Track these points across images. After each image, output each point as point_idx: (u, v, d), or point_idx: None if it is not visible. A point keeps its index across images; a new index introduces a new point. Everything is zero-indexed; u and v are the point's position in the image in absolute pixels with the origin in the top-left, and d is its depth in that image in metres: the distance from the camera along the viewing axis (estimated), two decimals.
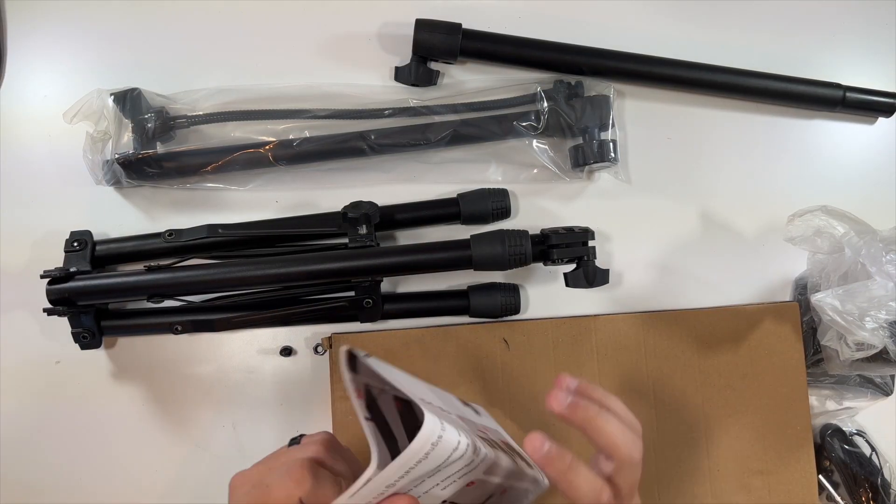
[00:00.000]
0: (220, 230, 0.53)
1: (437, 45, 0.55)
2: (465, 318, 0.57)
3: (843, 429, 0.59)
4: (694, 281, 0.60)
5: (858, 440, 0.59)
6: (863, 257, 0.47)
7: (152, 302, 0.51)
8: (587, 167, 0.57)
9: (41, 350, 0.56)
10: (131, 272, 0.52)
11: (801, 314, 0.58)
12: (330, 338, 0.55)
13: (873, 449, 0.59)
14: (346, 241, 0.53)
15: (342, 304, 0.54)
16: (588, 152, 0.55)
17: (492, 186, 0.57)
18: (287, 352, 0.57)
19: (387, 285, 0.57)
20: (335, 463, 0.39)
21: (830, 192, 0.62)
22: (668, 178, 0.61)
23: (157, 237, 0.54)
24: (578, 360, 0.56)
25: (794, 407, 0.58)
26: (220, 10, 0.58)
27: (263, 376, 0.57)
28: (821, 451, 0.59)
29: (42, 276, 0.51)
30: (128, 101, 0.53)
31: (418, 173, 0.58)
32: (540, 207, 0.59)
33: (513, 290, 0.56)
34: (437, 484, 0.34)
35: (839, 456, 0.58)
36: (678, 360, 0.57)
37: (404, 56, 0.58)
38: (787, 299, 0.61)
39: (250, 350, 0.57)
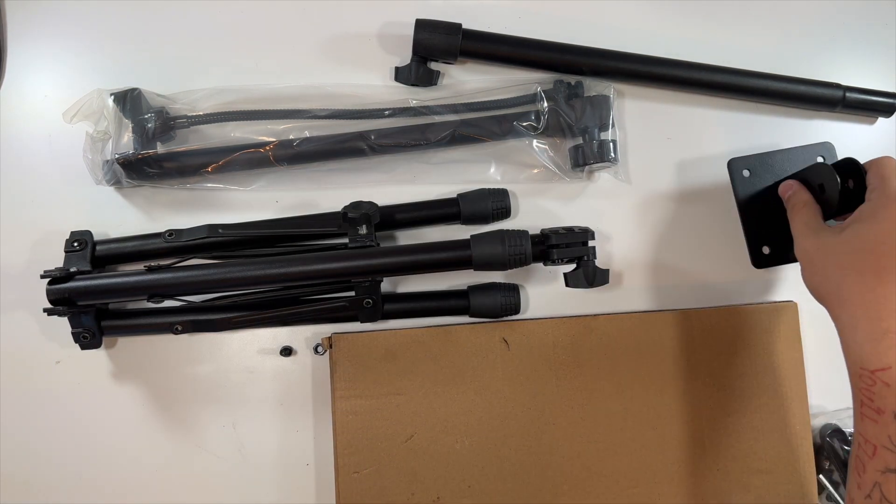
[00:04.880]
0: (220, 230, 0.53)
1: (437, 45, 0.55)
2: (465, 318, 0.57)
3: (843, 429, 0.59)
4: (694, 281, 0.60)
5: None
6: None
7: (152, 302, 0.51)
8: (587, 167, 0.57)
9: (41, 350, 0.56)
10: (131, 272, 0.52)
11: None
12: (330, 338, 0.55)
13: None
14: (346, 241, 0.53)
15: (342, 304, 0.54)
16: (588, 152, 0.55)
17: (492, 186, 0.57)
18: (287, 352, 0.57)
19: (387, 285, 0.57)
20: None
21: None
22: (668, 178, 0.61)
23: (157, 237, 0.54)
24: (579, 360, 0.56)
25: (794, 406, 0.58)
26: (220, 10, 0.58)
27: (263, 376, 0.57)
28: (821, 451, 0.59)
29: (42, 276, 0.51)
30: (128, 101, 0.53)
31: (418, 173, 0.58)
32: (540, 207, 0.59)
33: (513, 290, 0.56)
34: None
35: (839, 456, 0.58)
36: (678, 359, 0.57)
37: (404, 56, 0.58)
38: (787, 299, 0.61)
39: (250, 350, 0.57)
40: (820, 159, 0.58)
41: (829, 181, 0.50)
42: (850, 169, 0.49)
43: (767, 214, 0.58)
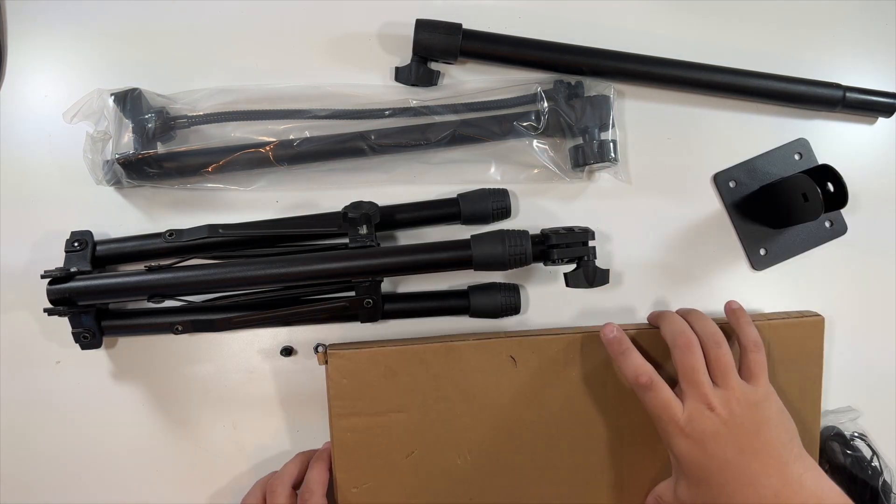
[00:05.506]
0: (220, 230, 0.53)
1: (437, 45, 0.55)
2: (468, 327, 0.57)
3: (844, 432, 0.59)
4: (695, 281, 0.60)
5: (859, 443, 0.59)
6: None
7: (153, 302, 0.51)
8: (587, 167, 0.57)
9: (41, 350, 0.56)
10: (132, 272, 0.52)
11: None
12: (325, 353, 0.53)
13: (874, 452, 0.59)
14: (346, 241, 0.53)
15: (342, 304, 0.54)
16: (588, 152, 0.55)
17: (492, 186, 0.57)
18: (287, 352, 0.57)
19: (387, 285, 0.57)
20: None
21: None
22: (668, 178, 0.61)
23: (157, 237, 0.54)
24: (590, 376, 0.54)
25: (805, 420, 0.56)
26: (220, 10, 0.58)
27: (263, 376, 0.57)
28: (821, 453, 0.59)
29: (42, 276, 0.51)
30: (128, 101, 0.53)
31: (418, 173, 0.58)
32: (540, 207, 0.59)
33: (513, 290, 0.56)
34: None
35: (839, 459, 0.58)
36: None
37: (404, 56, 0.58)
38: (812, 310, 0.60)
39: (250, 350, 0.57)
40: (797, 157, 0.61)
41: (810, 191, 0.53)
42: (827, 174, 0.54)
43: (758, 217, 0.60)
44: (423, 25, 0.55)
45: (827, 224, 0.61)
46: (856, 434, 0.59)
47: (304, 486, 0.51)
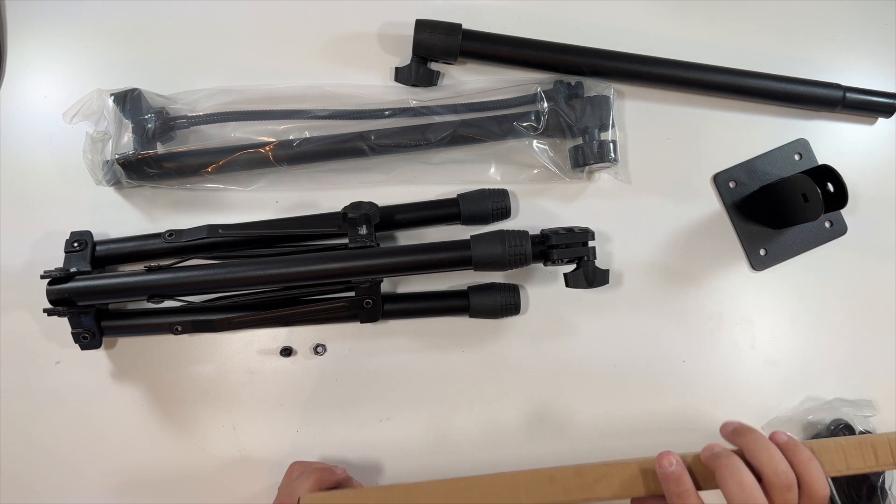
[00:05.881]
0: (220, 230, 0.53)
1: (437, 45, 0.55)
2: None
3: (853, 425, 0.58)
4: (693, 281, 0.60)
5: None
6: None
7: (152, 302, 0.51)
8: (587, 167, 0.57)
9: (41, 350, 0.56)
10: (131, 272, 0.52)
11: None
12: None
13: None
14: (346, 241, 0.53)
15: (342, 305, 0.54)
16: (588, 152, 0.55)
17: (492, 187, 0.57)
18: (287, 352, 0.57)
19: (387, 285, 0.57)
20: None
21: None
22: (668, 178, 0.61)
23: (157, 237, 0.54)
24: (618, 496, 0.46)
25: None
26: (221, 10, 0.58)
27: (263, 376, 0.57)
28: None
29: (42, 277, 0.51)
30: (128, 101, 0.53)
31: (418, 174, 0.58)
32: (540, 208, 0.59)
33: (513, 291, 0.56)
34: None
35: None
36: None
37: (404, 56, 0.58)
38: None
39: (250, 350, 0.57)
40: (797, 157, 0.61)
41: (810, 191, 0.53)
42: (827, 174, 0.53)
43: (758, 218, 0.60)
44: (422, 25, 0.55)
45: (827, 224, 0.61)
46: (861, 431, 0.59)
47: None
